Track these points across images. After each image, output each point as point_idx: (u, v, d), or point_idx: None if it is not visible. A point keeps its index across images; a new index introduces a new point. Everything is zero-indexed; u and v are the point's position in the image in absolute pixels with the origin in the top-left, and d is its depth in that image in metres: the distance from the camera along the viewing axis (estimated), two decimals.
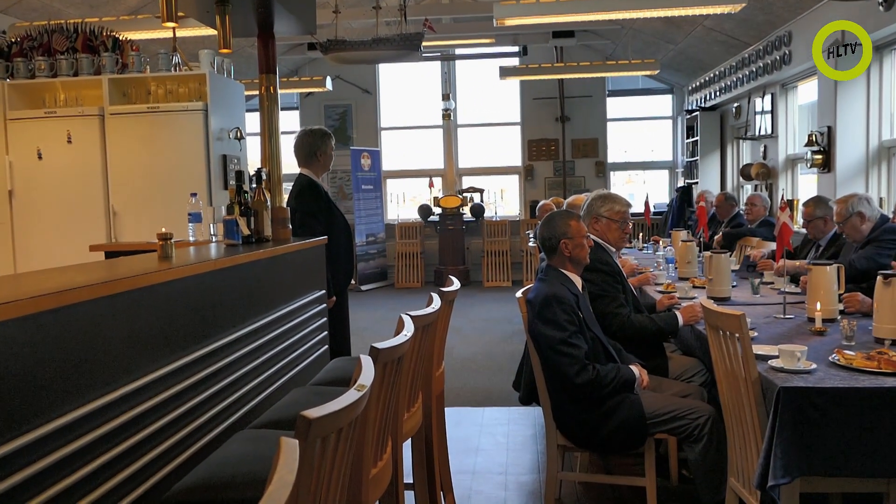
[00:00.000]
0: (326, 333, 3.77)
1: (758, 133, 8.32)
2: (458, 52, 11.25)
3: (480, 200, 11.17)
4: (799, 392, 2.19)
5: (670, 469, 3.44)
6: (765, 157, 8.23)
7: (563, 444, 3.04)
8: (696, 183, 9.93)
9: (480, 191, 11.22)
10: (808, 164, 6.62)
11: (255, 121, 4.46)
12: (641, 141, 11.92)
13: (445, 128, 11.63)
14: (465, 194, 11.09)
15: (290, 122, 11.27)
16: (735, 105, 9.25)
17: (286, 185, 4.17)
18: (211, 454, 2.04)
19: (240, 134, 5.97)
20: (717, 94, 9.38)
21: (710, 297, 3.48)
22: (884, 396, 2.17)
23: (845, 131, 6.25)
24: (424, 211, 11.04)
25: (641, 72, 9.57)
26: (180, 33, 5.91)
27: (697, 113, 10.07)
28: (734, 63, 8.62)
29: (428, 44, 7.93)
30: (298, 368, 3.27)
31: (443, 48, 10.47)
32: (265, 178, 3.54)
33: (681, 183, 10.74)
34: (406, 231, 11.15)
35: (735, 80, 8.66)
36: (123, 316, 1.96)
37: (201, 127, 5.57)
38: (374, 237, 10.91)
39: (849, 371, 2.33)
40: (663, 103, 11.82)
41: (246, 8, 3.66)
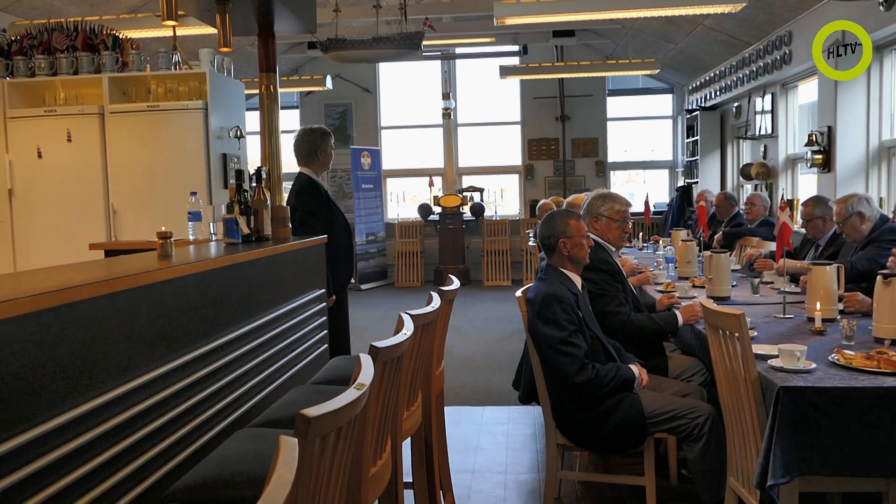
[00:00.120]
0: (326, 332, 3.77)
1: (758, 133, 8.31)
2: (459, 51, 11.23)
3: (480, 200, 11.17)
4: (798, 392, 2.19)
5: (670, 468, 3.44)
6: (765, 156, 8.23)
7: (562, 444, 3.04)
8: (696, 182, 9.93)
9: (480, 190, 11.22)
10: (808, 164, 6.62)
11: (255, 119, 4.47)
12: (641, 140, 11.91)
13: (445, 127, 11.62)
14: (465, 193, 11.09)
15: (290, 120, 11.27)
16: (735, 105, 9.25)
17: (286, 184, 4.18)
18: (210, 453, 2.04)
19: (240, 133, 5.97)
20: (718, 93, 9.37)
21: (709, 297, 3.48)
22: (883, 396, 2.17)
23: (845, 131, 6.24)
24: (424, 210, 11.04)
25: (642, 71, 9.57)
26: (180, 32, 5.90)
27: (697, 112, 10.06)
28: (734, 63, 8.62)
29: (428, 43, 7.92)
30: (298, 367, 3.27)
31: (443, 47, 10.46)
32: (265, 176, 3.54)
33: (681, 182, 10.73)
34: (406, 230, 11.15)
35: (735, 79, 8.65)
36: (123, 314, 1.96)
37: (201, 126, 5.57)
38: (373, 236, 10.91)
39: (848, 371, 2.33)
40: (663, 103, 11.81)
41: (246, 6, 3.66)
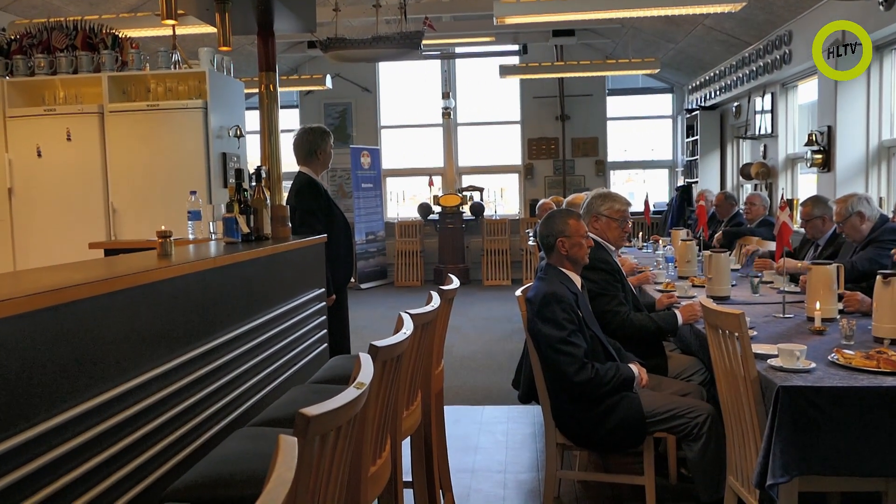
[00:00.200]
0: (326, 331, 3.77)
1: (758, 132, 8.31)
2: (458, 50, 11.22)
3: (480, 199, 11.16)
4: (798, 391, 2.19)
5: (669, 468, 3.45)
6: (765, 156, 8.23)
7: (562, 443, 3.04)
8: (696, 182, 9.93)
9: (480, 189, 11.21)
10: (807, 164, 6.62)
11: (254, 119, 4.46)
12: (641, 140, 11.91)
13: (445, 126, 11.62)
14: (464, 193, 11.09)
15: (290, 120, 11.26)
16: (735, 104, 9.25)
17: (286, 184, 4.18)
18: (210, 452, 2.04)
19: (239, 132, 5.97)
20: (718, 93, 9.37)
21: (709, 296, 3.48)
22: (883, 396, 2.17)
23: (845, 131, 6.24)
24: (424, 209, 11.03)
25: (641, 71, 9.57)
26: (180, 31, 5.90)
27: (697, 112, 10.06)
28: (734, 62, 8.62)
29: (428, 42, 7.92)
30: (298, 366, 3.27)
31: (443, 46, 10.45)
32: (265, 176, 3.53)
33: (681, 182, 10.74)
34: (406, 229, 11.15)
35: (735, 79, 8.65)
36: (123, 313, 1.96)
37: (201, 125, 5.56)
38: (373, 235, 10.91)
39: (848, 370, 2.33)
40: (663, 102, 11.81)
41: (246, 5, 3.66)
